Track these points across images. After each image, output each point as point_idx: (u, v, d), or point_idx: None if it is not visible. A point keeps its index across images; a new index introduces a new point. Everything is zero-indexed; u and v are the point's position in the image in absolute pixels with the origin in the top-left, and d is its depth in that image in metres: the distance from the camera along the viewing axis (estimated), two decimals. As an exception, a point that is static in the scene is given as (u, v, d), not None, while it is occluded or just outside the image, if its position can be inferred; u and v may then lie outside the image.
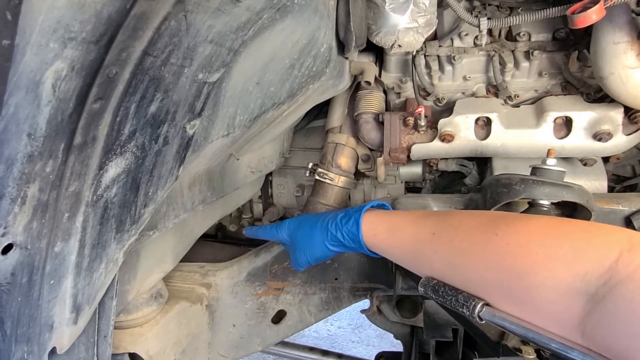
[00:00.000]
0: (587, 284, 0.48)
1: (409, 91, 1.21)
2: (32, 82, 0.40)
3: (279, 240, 1.02)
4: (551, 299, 0.51)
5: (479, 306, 0.59)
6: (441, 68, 1.15)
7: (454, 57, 1.12)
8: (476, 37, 1.11)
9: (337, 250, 0.88)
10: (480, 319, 0.59)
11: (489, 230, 0.61)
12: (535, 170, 0.89)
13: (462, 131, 1.09)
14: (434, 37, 1.13)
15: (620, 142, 1.03)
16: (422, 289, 0.69)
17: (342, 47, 0.96)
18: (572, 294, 0.49)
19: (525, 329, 0.54)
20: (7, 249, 0.47)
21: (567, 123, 1.05)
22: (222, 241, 1.55)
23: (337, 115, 1.25)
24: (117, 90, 0.49)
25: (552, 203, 0.87)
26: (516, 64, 1.11)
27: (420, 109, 1.07)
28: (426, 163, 1.23)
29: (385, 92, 1.23)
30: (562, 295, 0.50)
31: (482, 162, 1.18)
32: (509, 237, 0.58)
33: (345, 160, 1.22)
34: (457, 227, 0.66)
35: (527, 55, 1.10)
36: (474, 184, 1.19)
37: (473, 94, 1.17)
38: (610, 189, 1.17)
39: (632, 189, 1.18)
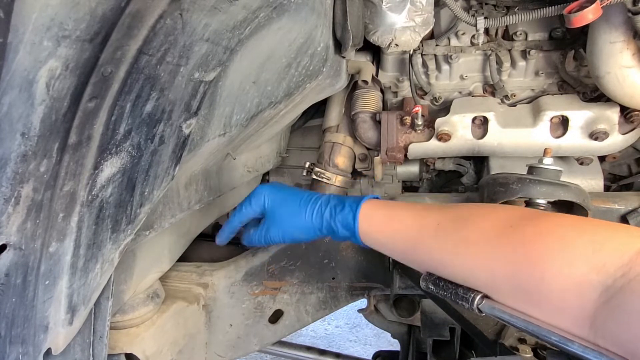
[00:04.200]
0: (605, 276, 0.47)
1: (406, 90, 1.21)
2: (26, 81, 0.40)
3: (248, 217, 0.89)
4: (563, 288, 0.50)
5: (477, 298, 0.59)
6: (438, 67, 1.15)
7: (451, 56, 1.12)
8: (473, 36, 1.11)
9: (323, 235, 0.81)
10: (480, 311, 0.58)
11: (504, 223, 0.59)
12: (532, 169, 0.89)
13: (459, 130, 1.09)
14: (431, 36, 1.13)
15: (616, 141, 1.04)
16: (424, 284, 0.69)
17: (339, 46, 0.96)
18: (587, 284, 0.48)
19: (525, 321, 0.54)
20: (1, 249, 0.46)
21: (564, 122, 1.05)
22: (219, 241, 1.54)
23: (334, 115, 1.25)
24: (112, 89, 0.48)
25: (548, 202, 0.88)
26: (513, 63, 1.11)
27: (417, 108, 1.07)
28: (423, 162, 1.23)
29: (382, 91, 1.23)
30: (577, 284, 0.49)
31: (479, 162, 1.18)
32: (526, 228, 0.56)
33: (342, 159, 1.22)
34: (468, 219, 0.63)
35: (524, 54, 1.10)
36: (471, 183, 1.19)
37: (470, 93, 1.17)
38: (606, 188, 1.17)
39: (628, 187, 1.19)
